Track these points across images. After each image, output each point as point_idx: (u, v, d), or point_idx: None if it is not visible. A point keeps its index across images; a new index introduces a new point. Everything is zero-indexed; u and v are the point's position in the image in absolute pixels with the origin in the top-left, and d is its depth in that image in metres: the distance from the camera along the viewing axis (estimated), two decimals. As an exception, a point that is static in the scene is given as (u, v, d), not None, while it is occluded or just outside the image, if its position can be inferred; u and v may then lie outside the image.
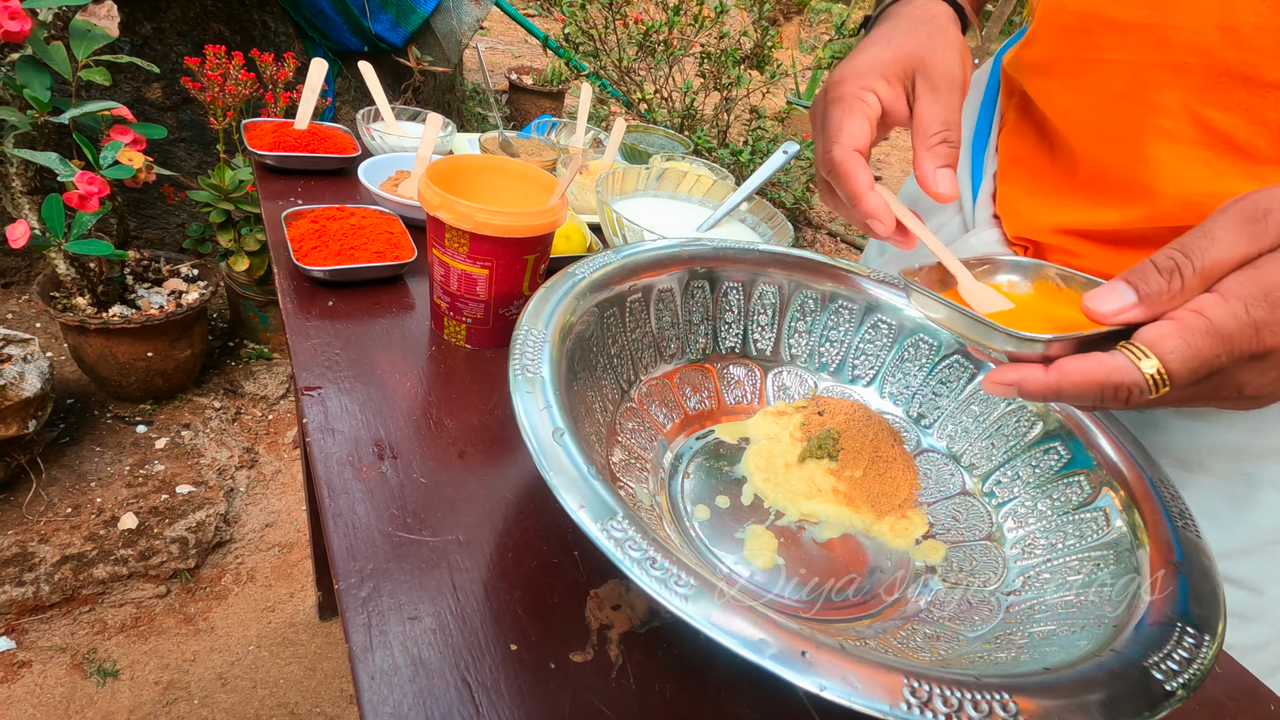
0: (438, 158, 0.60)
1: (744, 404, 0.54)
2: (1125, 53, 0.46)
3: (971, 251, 0.58)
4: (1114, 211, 0.49)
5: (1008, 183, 0.58)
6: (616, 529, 0.29)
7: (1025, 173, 0.56)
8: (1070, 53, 0.50)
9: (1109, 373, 0.30)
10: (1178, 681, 0.28)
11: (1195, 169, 0.45)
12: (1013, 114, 0.58)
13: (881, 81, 0.45)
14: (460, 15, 2.31)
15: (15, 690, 1.11)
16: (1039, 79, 0.53)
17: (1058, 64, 0.51)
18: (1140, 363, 0.29)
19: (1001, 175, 0.59)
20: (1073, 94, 0.50)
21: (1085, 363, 0.31)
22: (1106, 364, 0.30)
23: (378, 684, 0.32)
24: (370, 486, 0.42)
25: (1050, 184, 0.54)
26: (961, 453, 0.50)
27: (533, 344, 0.38)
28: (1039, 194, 0.55)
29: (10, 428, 1.22)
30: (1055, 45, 0.51)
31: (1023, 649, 0.34)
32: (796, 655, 0.26)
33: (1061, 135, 0.52)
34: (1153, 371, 0.29)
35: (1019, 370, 0.33)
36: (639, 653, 0.36)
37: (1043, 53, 0.53)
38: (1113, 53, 0.47)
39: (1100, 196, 0.50)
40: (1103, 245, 0.51)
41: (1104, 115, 0.48)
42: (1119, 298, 0.31)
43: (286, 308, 0.57)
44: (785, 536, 0.44)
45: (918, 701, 0.25)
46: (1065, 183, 0.53)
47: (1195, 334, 0.29)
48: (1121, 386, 0.30)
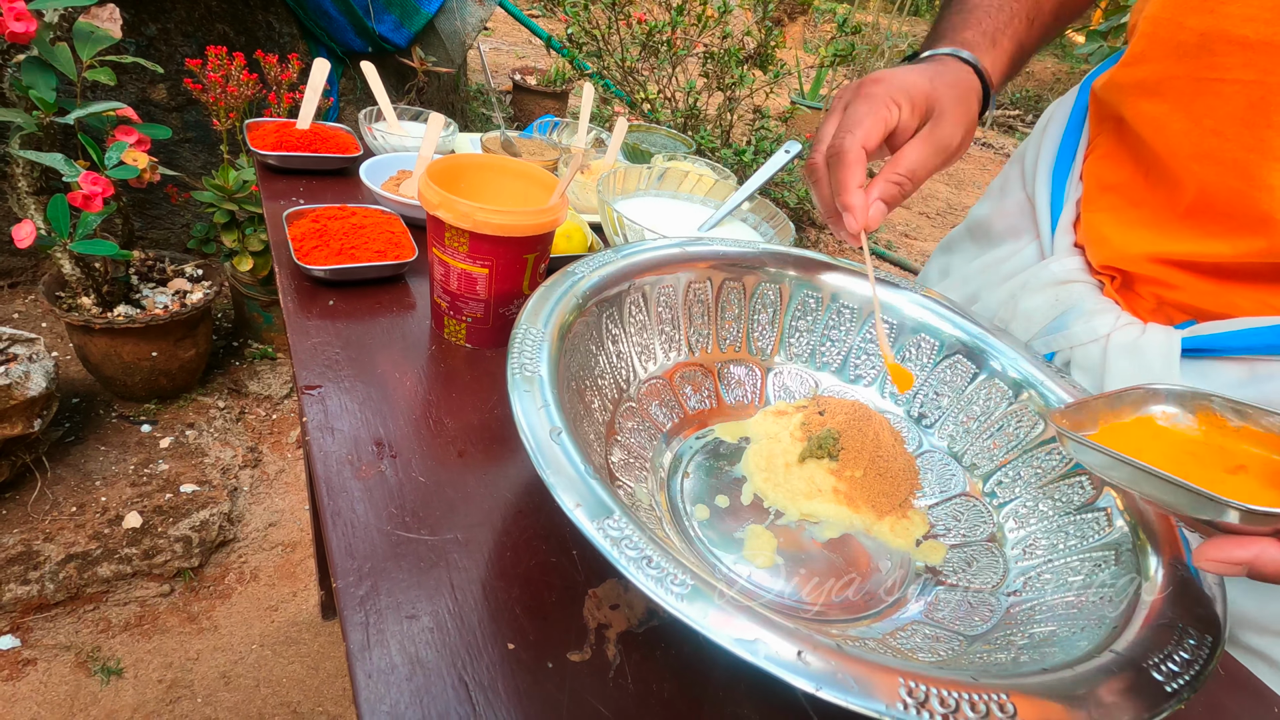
0: (439, 157, 0.60)
1: (744, 403, 0.54)
2: (1250, 72, 0.43)
3: (1051, 278, 0.56)
4: (1223, 243, 0.46)
5: (1094, 210, 0.55)
6: (613, 528, 0.29)
7: (1117, 200, 0.54)
8: (1185, 72, 0.47)
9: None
10: (1178, 683, 0.28)
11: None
12: (1104, 139, 0.56)
13: (908, 104, 0.47)
14: (464, 16, 2.32)
15: (20, 688, 1.11)
16: (1144, 101, 0.51)
17: (1169, 84, 0.48)
18: None
19: (1087, 203, 0.56)
20: (1184, 116, 0.47)
21: None
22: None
23: (375, 682, 0.32)
24: (369, 485, 0.42)
25: (1147, 212, 0.51)
26: (962, 452, 0.50)
27: (531, 343, 0.38)
28: (1133, 223, 0.52)
29: (16, 427, 1.22)
30: (1167, 64, 0.48)
31: (1022, 650, 0.33)
32: (792, 655, 0.25)
33: (1164, 160, 0.49)
34: None
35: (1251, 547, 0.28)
36: (637, 652, 0.36)
37: (1151, 73, 0.50)
38: (1236, 72, 0.44)
39: (1208, 226, 0.47)
40: (1205, 277, 0.48)
41: (1220, 139, 0.45)
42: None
43: (287, 307, 0.57)
44: (785, 536, 0.44)
45: (914, 702, 0.25)
46: (1165, 211, 0.50)
47: None
48: None
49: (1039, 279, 0.56)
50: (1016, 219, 0.63)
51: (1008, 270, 0.61)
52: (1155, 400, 0.35)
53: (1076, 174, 0.58)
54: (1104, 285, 0.54)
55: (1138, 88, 0.51)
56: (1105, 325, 0.51)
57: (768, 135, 2.28)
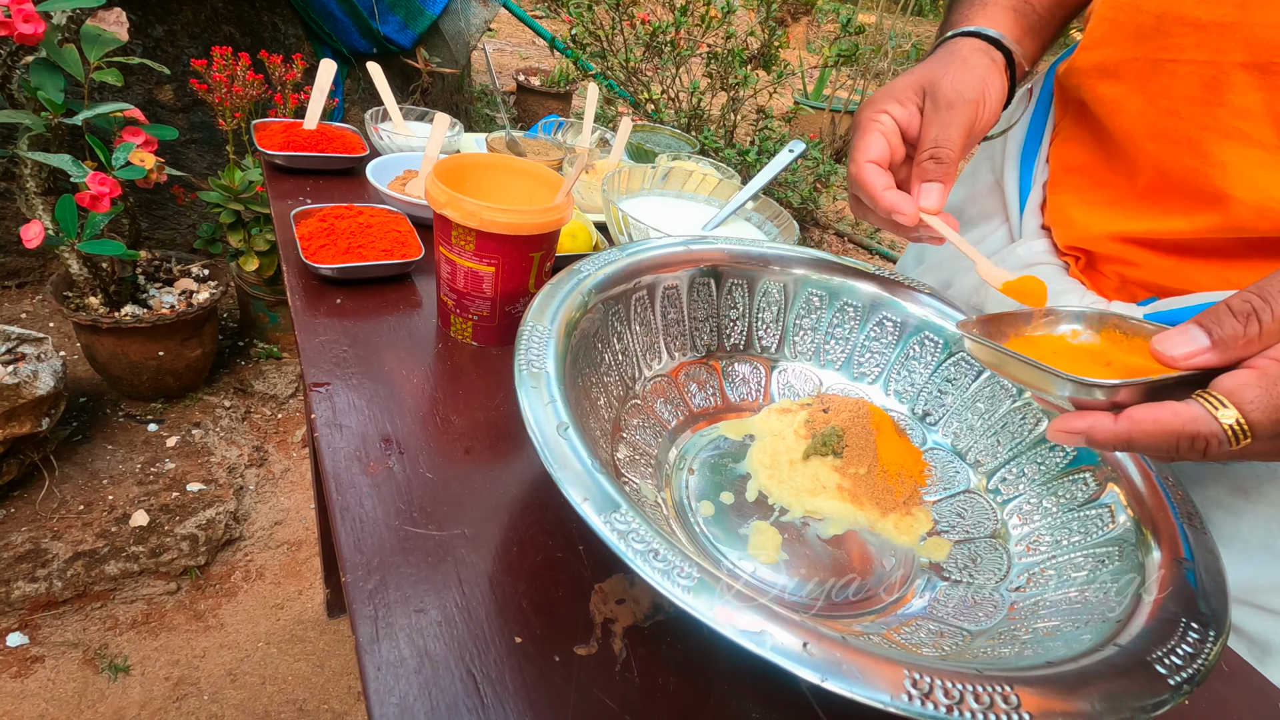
0: (445, 157, 0.60)
1: (749, 401, 0.54)
2: (1203, 52, 0.45)
3: (1019, 261, 0.57)
4: (1180, 219, 0.47)
5: (1059, 192, 0.57)
6: (620, 521, 0.29)
7: (1080, 182, 0.55)
8: (1142, 54, 0.48)
9: (1185, 422, 0.29)
10: (1181, 676, 0.28)
11: (1274, 175, 0.43)
12: (1068, 123, 0.58)
13: (894, 104, 0.48)
14: (468, 17, 2.33)
15: (28, 685, 1.12)
16: (1102, 83, 0.52)
17: (1126, 66, 0.50)
18: (1218, 412, 0.28)
19: (1053, 185, 0.58)
20: (1140, 97, 0.49)
21: (1159, 411, 0.29)
22: (1182, 413, 0.29)
23: (384, 675, 0.32)
24: (377, 481, 0.43)
25: (1108, 192, 0.53)
26: (967, 450, 0.50)
27: (538, 340, 0.39)
28: (1095, 203, 0.54)
29: (24, 425, 1.23)
30: (1125, 47, 0.50)
31: (1026, 644, 0.34)
32: (798, 647, 0.26)
33: (1121, 142, 0.51)
34: (1231, 422, 0.28)
35: (1087, 418, 0.31)
36: (643, 647, 0.37)
37: (1109, 55, 0.51)
38: (1189, 53, 0.45)
39: (1165, 204, 0.49)
40: (1165, 254, 0.50)
41: (1174, 118, 0.47)
42: (1190, 341, 0.30)
43: (295, 305, 0.57)
44: (789, 533, 0.45)
45: (919, 693, 0.25)
46: (1125, 190, 0.52)
47: (1277, 383, 0.28)
48: (1199, 437, 0.28)
49: (1007, 262, 0.58)
50: (987, 203, 0.65)
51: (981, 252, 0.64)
52: (1065, 320, 0.39)
53: (1043, 157, 0.60)
54: (1069, 266, 0.56)
55: (1096, 70, 0.53)
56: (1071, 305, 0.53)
57: (771, 135, 2.28)
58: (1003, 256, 0.59)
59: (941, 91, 0.47)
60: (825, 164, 2.35)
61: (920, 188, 0.47)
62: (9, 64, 1.20)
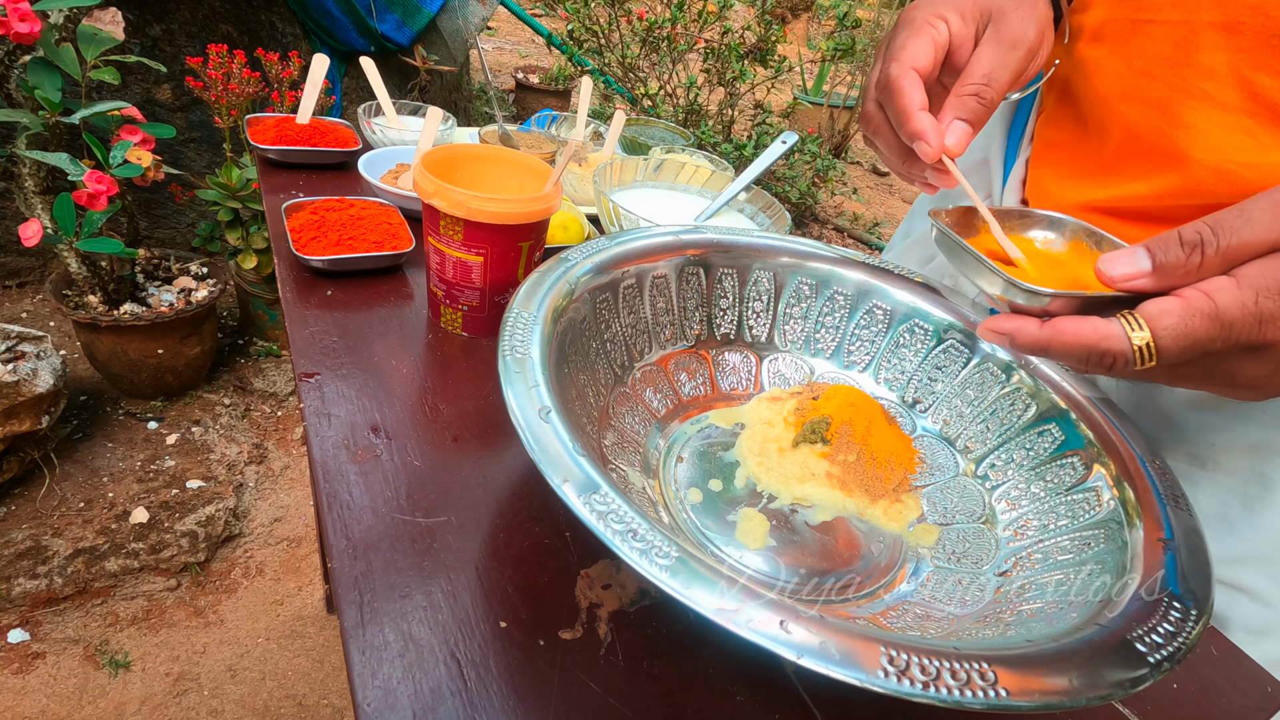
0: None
1: (739, 390, 0.54)
2: (1177, 12, 0.44)
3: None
4: (1142, 183, 0.48)
5: (1040, 167, 0.57)
6: (599, 502, 0.29)
7: (1059, 156, 0.56)
8: (1123, 14, 0.48)
9: (1100, 338, 0.30)
10: (1161, 654, 0.28)
11: (1235, 137, 0.42)
12: (1051, 99, 0.58)
13: (955, 15, 0.43)
14: (466, 15, 2.32)
15: (30, 681, 1.13)
16: (1086, 45, 0.51)
17: (1109, 27, 0.49)
18: (1132, 333, 0.29)
19: (1035, 160, 0.58)
20: (1119, 58, 0.48)
21: (1079, 324, 0.31)
22: (1100, 329, 0.30)
23: (368, 658, 0.33)
24: (365, 469, 0.43)
25: (1081, 163, 0.53)
26: (956, 436, 0.50)
27: (523, 326, 0.39)
28: (1069, 175, 0.54)
29: (24, 423, 1.24)
30: (1109, 7, 0.49)
31: (1010, 626, 0.34)
32: (774, 625, 0.26)
33: (1098, 106, 0.50)
34: (1141, 344, 0.29)
35: (1015, 321, 0.33)
36: (628, 631, 0.37)
37: (1094, 17, 0.50)
38: (1165, 12, 0.45)
39: (1130, 167, 0.49)
40: (1129, 222, 0.50)
41: (1147, 79, 0.46)
42: (1133, 264, 0.30)
43: (286, 297, 0.57)
44: (778, 519, 0.45)
45: (895, 670, 0.25)
46: (1096, 158, 0.52)
47: (1195, 315, 0.28)
48: (1108, 354, 0.30)
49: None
50: (974, 178, 0.65)
51: None
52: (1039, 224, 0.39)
53: (1029, 134, 0.60)
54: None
55: (1085, 33, 0.52)
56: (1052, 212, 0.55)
57: (769, 131, 2.28)
58: None
59: (1009, 25, 0.43)
60: (823, 159, 2.35)
61: (951, 123, 0.41)
62: (6, 63, 1.20)
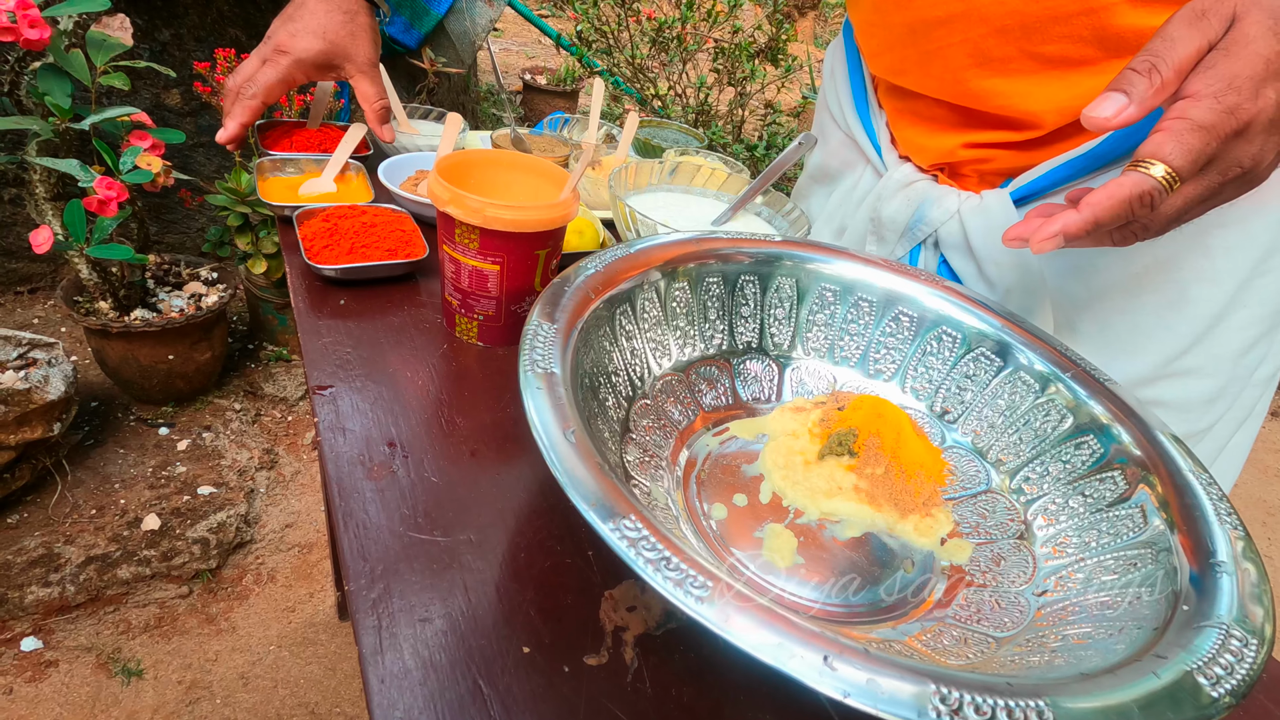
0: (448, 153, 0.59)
1: (762, 399, 0.53)
2: (956, 37, 0.55)
3: (896, 184, 0.64)
4: (1015, 134, 0.57)
5: (902, 127, 0.65)
6: (630, 528, 0.28)
7: (914, 117, 0.64)
8: (915, 50, 0.58)
9: (1132, 185, 0.34)
10: (1224, 688, 0.26)
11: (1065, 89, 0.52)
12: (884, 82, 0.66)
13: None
14: (474, 17, 2.32)
15: (43, 689, 1.12)
16: (896, 76, 0.62)
17: (909, 62, 0.60)
18: (1150, 169, 0.34)
19: (894, 122, 0.67)
20: (929, 78, 0.59)
21: (1107, 187, 0.35)
22: (1125, 182, 0.34)
23: (388, 687, 0.31)
24: (381, 486, 0.42)
25: (945, 121, 0.61)
26: (988, 448, 0.49)
27: (543, 339, 0.38)
28: (935, 129, 0.62)
29: (36, 430, 1.24)
30: (901, 52, 0.60)
31: (1057, 653, 0.32)
32: (818, 661, 0.24)
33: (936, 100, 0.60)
34: (1162, 174, 0.34)
35: (1057, 220, 0.36)
36: (655, 656, 0.35)
37: (893, 60, 0.61)
38: (948, 39, 0.55)
39: (998, 126, 0.57)
40: (1011, 150, 0.58)
41: (960, 85, 0.56)
42: (1115, 103, 0.35)
43: (298, 307, 0.56)
44: (805, 535, 0.43)
45: (947, 709, 0.24)
46: (954, 117, 0.60)
47: (1185, 133, 0.33)
48: (1144, 193, 0.34)
49: (888, 188, 0.65)
50: (847, 154, 0.73)
51: (859, 195, 0.71)
52: None
53: (876, 104, 0.69)
54: (937, 177, 0.64)
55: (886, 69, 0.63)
56: (953, 204, 0.61)
57: (780, 130, 2.26)
58: (883, 186, 0.66)
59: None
60: (834, 158, 2.33)
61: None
62: (16, 70, 1.20)
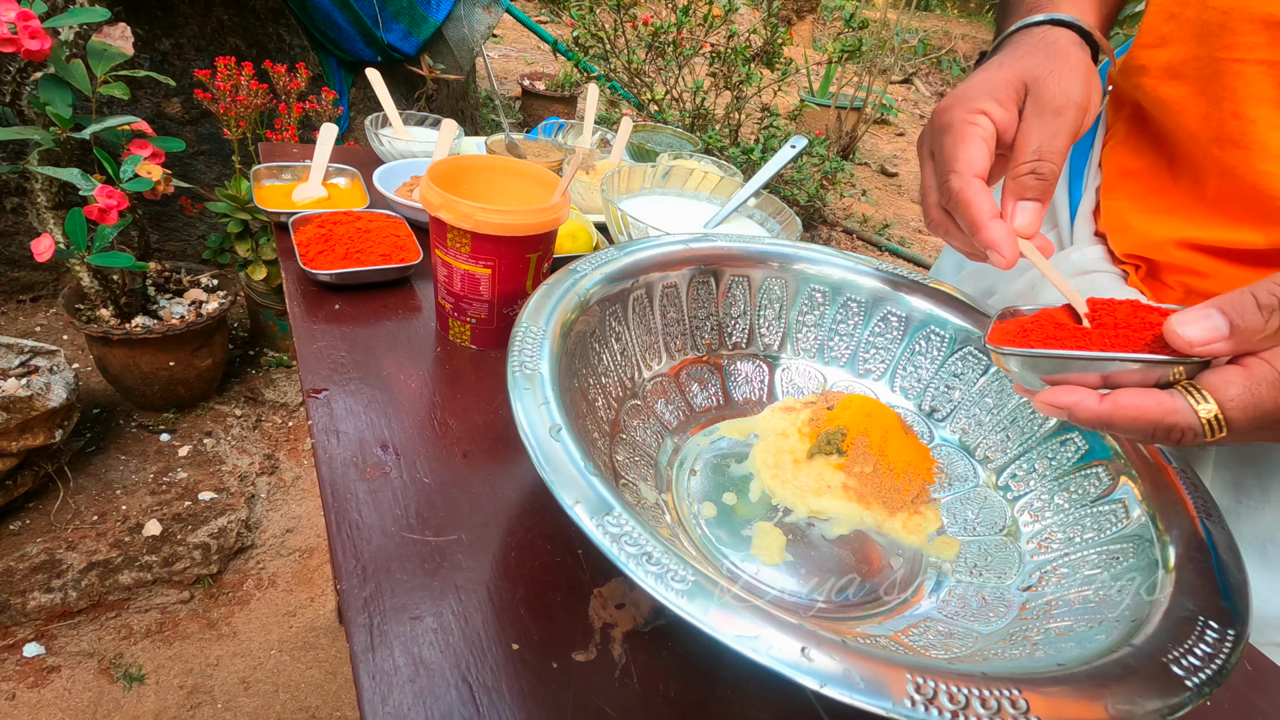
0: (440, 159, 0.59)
1: (752, 399, 0.53)
2: (1276, 52, 0.42)
3: (1072, 267, 0.55)
4: (1255, 231, 0.45)
5: (1115, 198, 0.54)
6: (613, 524, 0.28)
7: (1138, 187, 0.52)
8: (1205, 53, 0.45)
9: (1166, 412, 0.29)
10: (1200, 677, 0.27)
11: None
12: (1122, 126, 0.55)
13: (993, 103, 0.42)
14: (472, 23, 2.33)
15: (45, 695, 1.13)
16: (1163, 84, 0.49)
17: (1189, 66, 0.47)
18: (1199, 406, 0.29)
19: (1107, 190, 0.55)
20: (1204, 99, 0.46)
21: (1142, 398, 0.30)
22: (1165, 403, 0.29)
23: (378, 684, 0.32)
24: (374, 487, 0.42)
25: (1172, 199, 0.50)
26: (975, 446, 0.49)
27: (532, 341, 0.38)
28: (1157, 209, 0.51)
29: (38, 437, 1.24)
30: (1187, 46, 0.47)
31: (1038, 645, 0.33)
32: (796, 652, 0.25)
33: (1187, 146, 0.48)
34: (1209, 417, 0.29)
35: (1074, 394, 0.31)
36: (643, 652, 0.36)
37: (1171, 54, 0.48)
38: (1259, 52, 0.43)
39: (1237, 213, 0.46)
40: (1237, 265, 0.47)
41: (1242, 122, 0.44)
42: (1211, 328, 0.29)
43: (294, 311, 0.57)
44: (794, 533, 0.44)
45: (922, 698, 0.24)
46: (1191, 197, 0.49)
47: (1261, 384, 0.28)
48: (1175, 428, 0.29)
49: (1059, 269, 0.54)
50: None
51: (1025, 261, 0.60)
52: None
53: (1095, 161, 0.57)
54: (1128, 275, 0.53)
55: (1156, 70, 0.49)
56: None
57: (776, 134, 2.27)
58: (1054, 263, 0.55)
59: (1048, 93, 0.41)
60: (831, 161, 2.34)
61: (1015, 206, 0.41)
62: (18, 80, 1.21)
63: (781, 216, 0.74)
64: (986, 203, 0.40)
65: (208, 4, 1.75)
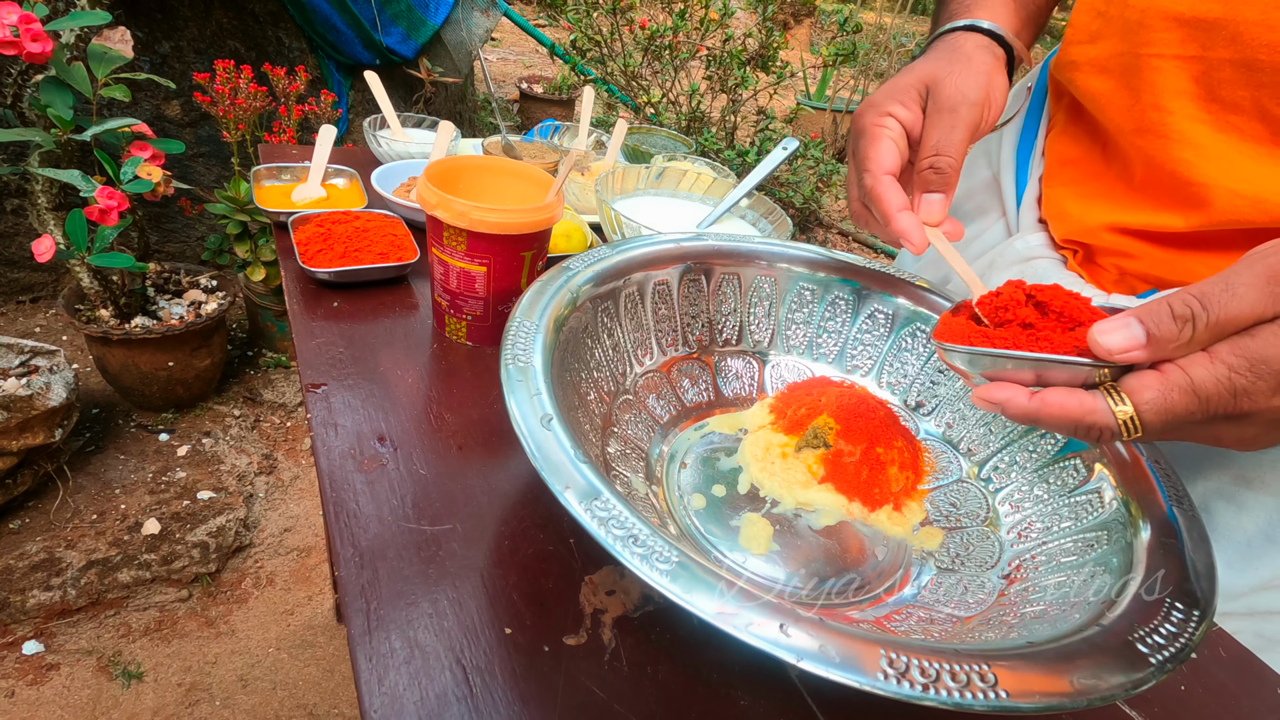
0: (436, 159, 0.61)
1: (742, 395, 0.54)
2: (1189, 48, 0.45)
3: (1017, 254, 0.57)
4: (1175, 215, 0.47)
5: (1055, 185, 0.57)
6: (600, 509, 0.29)
7: (1075, 174, 0.55)
8: (1128, 48, 0.48)
9: (1085, 412, 0.31)
10: (1163, 655, 0.28)
11: (1266, 168, 0.43)
12: (1061, 116, 0.57)
13: (899, 106, 0.47)
14: (470, 27, 2.35)
15: (44, 692, 1.14)
16: (1092, 78, 0.52)
17: (1114, 61, 0.50)
18: (1116, 408, 0.31)
19: (1048, 178, 0.58)
20: (1128, 92, 0.49)
21: (1065, 397, 0.32)
22: (1085, 403, 0.31)
23: (374, 665, 0.33)
24: (371, 478, 0.43)
25: (1103, 185, 0.53)
26: (959, 439, 0.50)
27: (525, 335, 0.39)
28: (1091, 196, 0.53)
29: (38, 437, 1.25)
30: (1112, 42, 0.50)
31: (1013, 628, 0.34)
32: (774, 629, 0.26)
33: (1114, 136, 0.51)
34: (1125, 418, 0.30)
35: (1006, 391, 0.33)
36: (632, 636, 0.37)
37: (1098, 51, 0.51)
38: (1174, 48, 0.45)
39: (1159, 199, 0.49)
40: (1162, 247, 0.49)
41: (1161, 113, 0.46)
42: (1129, 337, 0.30)
43: (293, 309, 0.58)
44: (781, 524, 0.45)
45: (895, 672, 0.25)
46: (1120, 184, 0.51)
47: (1174, 389, 0.29)
48: (1094, 426, 0.31)
49: (1005, 256, 0.58)
50: (983, 197, 0.65)
51: (977, 249, 0.63)
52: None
53: (1039, 151, 0.60)
54: (1067, 259, 0.55)
55: (1085, 65, 0.52)
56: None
57: (772, 137, 2.28)
58: (1001, 250, 0.59)
59: (945, 93, 0.45)
60: (826, 163, 2.35)
61: (921, 199, 0.45)
62: (19, 83, 1.22)
63: (773, 217, 0.75)
64: (896, 197, 0.45)
65: (207, 7, 1.76)
